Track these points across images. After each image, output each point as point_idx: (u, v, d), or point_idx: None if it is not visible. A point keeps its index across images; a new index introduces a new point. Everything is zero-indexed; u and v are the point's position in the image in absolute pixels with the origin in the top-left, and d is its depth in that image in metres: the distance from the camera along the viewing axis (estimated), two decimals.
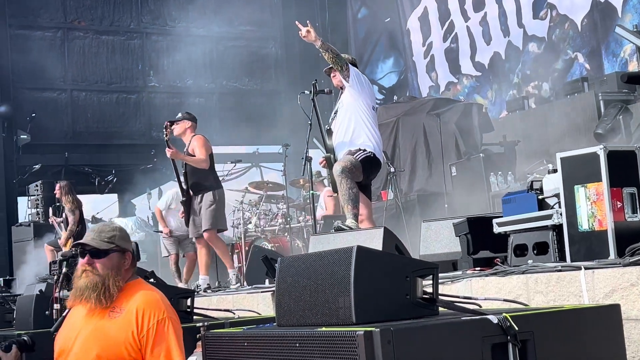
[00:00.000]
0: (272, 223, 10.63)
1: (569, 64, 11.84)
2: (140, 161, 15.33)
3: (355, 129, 6.48)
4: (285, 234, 10.27)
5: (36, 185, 13.23)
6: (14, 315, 5.53)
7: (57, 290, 4.02)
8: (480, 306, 2.79)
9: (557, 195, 4.26)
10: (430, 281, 2.59)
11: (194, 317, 4.59)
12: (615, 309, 2.71)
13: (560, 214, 4.15)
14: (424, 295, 2.55)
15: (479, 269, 4.62)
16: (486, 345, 2.32)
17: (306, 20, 6.47)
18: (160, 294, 3.33)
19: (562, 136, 9.89)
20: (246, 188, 11.40)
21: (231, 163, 12.13)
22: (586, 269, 3.58)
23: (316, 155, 7.23)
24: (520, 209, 4.57)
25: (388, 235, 4.42)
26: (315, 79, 7.04)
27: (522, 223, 4.48)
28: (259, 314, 5.33)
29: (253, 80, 17.30)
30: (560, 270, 3.77)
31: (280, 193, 11.16)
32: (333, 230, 6.15)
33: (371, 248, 2.58)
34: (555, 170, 4.32)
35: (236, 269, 8.60)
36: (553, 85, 11.98)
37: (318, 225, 8.76)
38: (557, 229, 4.24)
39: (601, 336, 2.63)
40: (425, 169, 11.48)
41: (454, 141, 10.97)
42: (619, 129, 9.08)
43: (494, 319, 2.36)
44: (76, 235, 10.53)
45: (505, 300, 3.20)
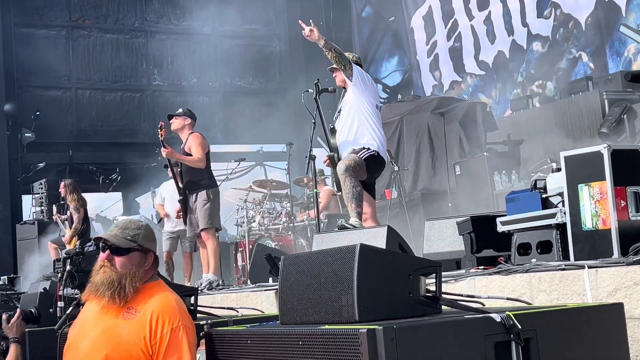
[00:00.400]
0: (276, 221, 10.63)
1: (573, 63, 11.82)
2: (144, 159, 15.30)
3: (359, 127, 6.48)
4: (289, 233, 10.27)
5: (40, 184, 13.24)
6: None
7: (61, 288, 4.03)
8: (483, 305, 2.78)
9: (561, 194, 4.25)
10: (434, 279, 2.58)
11: (198, 315, 4.59)
12: (618, 308, 2.70)
13: (564, 213, 4.15)
14: (427, 294, 2.54)
15: (482, 267, 4.62)
16: (489, 343, 2.32)
17: (310, 19, 6.47)
18: (178, 299, 3.19)
19: (566, 135, 9.90)
20: (250, 186, 11.42)
21: (235, 161, 12.17)
22: (590, 267, 3.58)
23: (320, 153, 7.22)
24: (524, 207, 4.57)
25: (391, 233, 4.43)
26: (317, 78, 7.03)
27: (526, 222, 4.48)
28: (262, 312, 5.33)
29: (257, 78, 17.29)
30: (563, 269, 3.77)
31: (284, 191, 11.17)
32: (337, 228, 6.16)
33: (374, 246, 2.57)
34: (559, 169, 4.32)
35: (216, 278, 7.99)
36: (557, 84, 11.97)
37: (322, 224, 8.76)
38: (561, 227, 4.24)
39: (604, 335, 2.62)
40: (429, 167, 11.49)
41: (458, 140, 10.97)
42: (623, 128, 9.06)
43: (497, 318, 2.36)
44: (80, 234, 10.55)
45: (508, 299, 3.19)
